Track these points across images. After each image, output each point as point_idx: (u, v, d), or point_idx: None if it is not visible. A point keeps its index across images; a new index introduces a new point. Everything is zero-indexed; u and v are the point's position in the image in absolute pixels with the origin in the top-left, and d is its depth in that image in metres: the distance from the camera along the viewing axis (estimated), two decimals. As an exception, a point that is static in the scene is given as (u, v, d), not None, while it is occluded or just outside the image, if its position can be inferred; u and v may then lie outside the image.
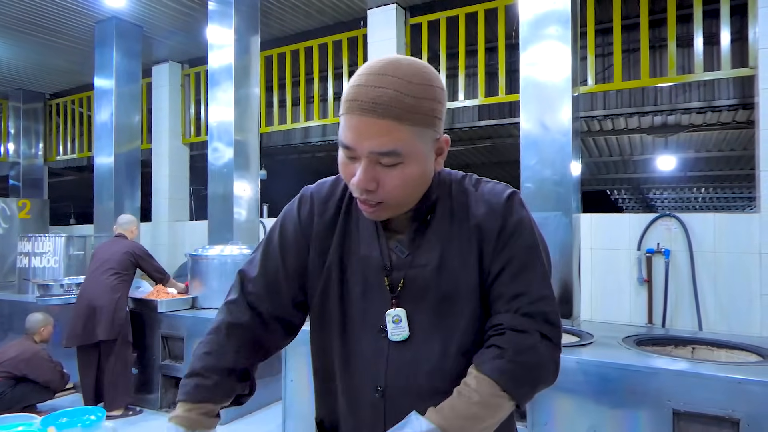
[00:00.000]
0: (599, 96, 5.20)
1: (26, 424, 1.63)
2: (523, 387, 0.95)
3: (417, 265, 1.03)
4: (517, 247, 1.01)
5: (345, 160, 0.96)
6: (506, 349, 0.95)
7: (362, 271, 1.06)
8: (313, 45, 5.90)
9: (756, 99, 3.71)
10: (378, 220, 1.03)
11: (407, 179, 0.93)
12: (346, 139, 0.93)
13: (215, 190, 5.12)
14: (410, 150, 0.91)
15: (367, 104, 0.88)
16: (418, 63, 0.93)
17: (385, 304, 1.04)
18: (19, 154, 8.45)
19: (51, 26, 6.01)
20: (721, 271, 3.68)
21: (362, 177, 0.92)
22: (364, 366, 1.06)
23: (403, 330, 1.03)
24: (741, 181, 9.80)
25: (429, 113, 0.91)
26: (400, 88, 0.88)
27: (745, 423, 2.24)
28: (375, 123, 0.88)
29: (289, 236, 1.12)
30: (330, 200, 1.11)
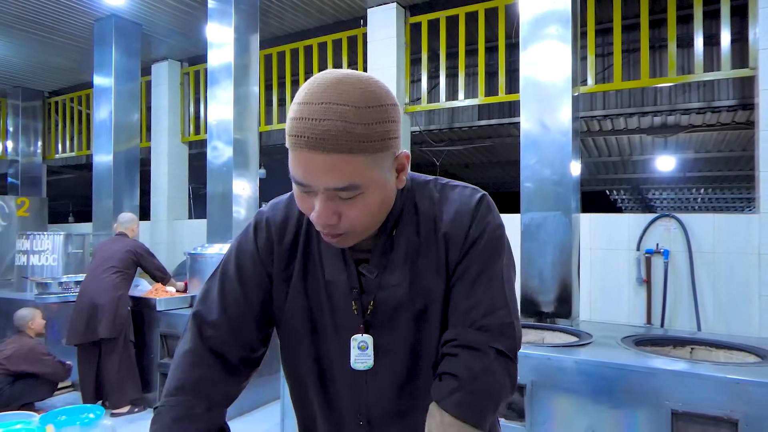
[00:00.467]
0: (599, 96, 5.20)
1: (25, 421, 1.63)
2: (486, 413, 0.91)
3: (387, 285, 0.98)
4: (476, 255, 0.96)
5: (300, 194, 0.89)
6: (461, 378, 0.90)
7: (328, 298, 1.00)
8: (313, 44, 5.89)
9: (756, 100, 3.71)
10: (343, 247, 0.96)
11: (369, 208, 0.87)
12: (297, 175, 0.85)
13: (214, 188, 5.12)
14: (368, 180, 0.84)
15: (313, 141, 0.79)
16: (364, 81, 0.83)
17: (355, 330, 0.99)
18: (18, 152, 8.44)
19: (50, 24, 6.00)
20: (720, 271, 3.69)
21: (321, 212, 0.85)
22: (343, 397, 1.02)
23: (368, 358, 0.98)
24: (740, 182, 9.81)
25: (383, 137, 0.83)
26: (348, 117, 0.79)
27: (743, 423, 2.24)
28: (325, 159, 0.80)
29: (248, 268, 1.03)
30: (287, 223, 1.04)
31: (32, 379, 4.06)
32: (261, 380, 4.37)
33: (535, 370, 2.67)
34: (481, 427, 0.90)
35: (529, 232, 3.57)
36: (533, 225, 3.56)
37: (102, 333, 4.10)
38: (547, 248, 3.52)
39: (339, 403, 1.03)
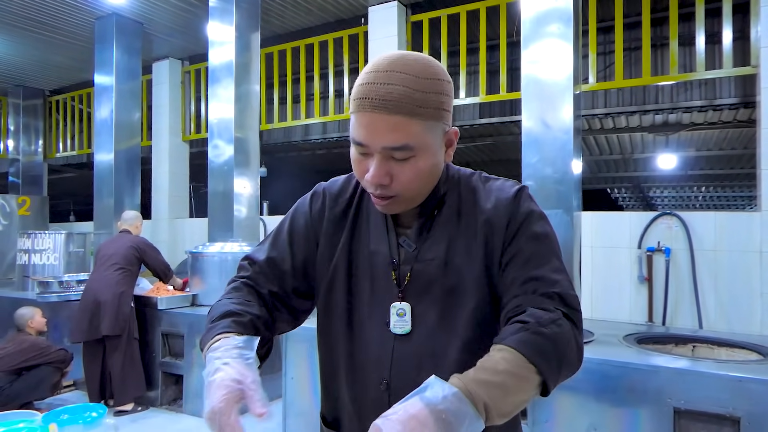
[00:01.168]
0: (600, 94, 5.19)
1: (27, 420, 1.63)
2: (549, 360, 0.86)
3: (423, 259, 1.04)
4: (526, 237, 1.00)
5: (358, 156, 0.97)
6: (528, 322, 0.89)
7: (371, 266, 1.07)
8: (314, 42, 5.89)
9: (757, 98, 3.70)
10: (391, 213, 1.05)
11: (420, 172, 0.95)
12: (358, 136, 0.94)
13: (215, 187, 5.12)
14: (421, 143, 0.93)
15: (377, 101, 0.89)
16: (424, 58, 0.95)
17: (392, 297, 1.05)
18: (19, 150, 8.44)
19: (51, 22, 6.00)
20: (721, 269, 3.68)
21: (376, 172, 0.93)
22: (369, 360, 1.06)
23: (406, 324, 1.03)
24: (742, 180, 9.80)
25: (438, 107, 0.93)
26: (409, 84, 0.89)
27: (745, 421, 2.24)
28: (386, 119, 0.89)
29: (299, 228, 1.13)
30: (341, 196, 1.13)
31: (32, 377, 4.06)
32: (262, 379, 4.36)
33: (537, 369, 2.67)
34: (540, 370, 0.84)
35: (531, 230, 3.56)
36: (535, 223, 3.55)
37: (105, 330, 4.10)
38: (548, 246, 3.51)
39: (364, 366, 1.06)
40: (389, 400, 1.02)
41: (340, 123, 6.47)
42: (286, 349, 3.70)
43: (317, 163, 9.28)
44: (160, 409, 4.32)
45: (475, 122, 5.77)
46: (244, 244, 4.74)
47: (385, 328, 1.05)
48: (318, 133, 6.68)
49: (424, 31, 5.17)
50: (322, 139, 6.64)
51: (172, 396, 4.43)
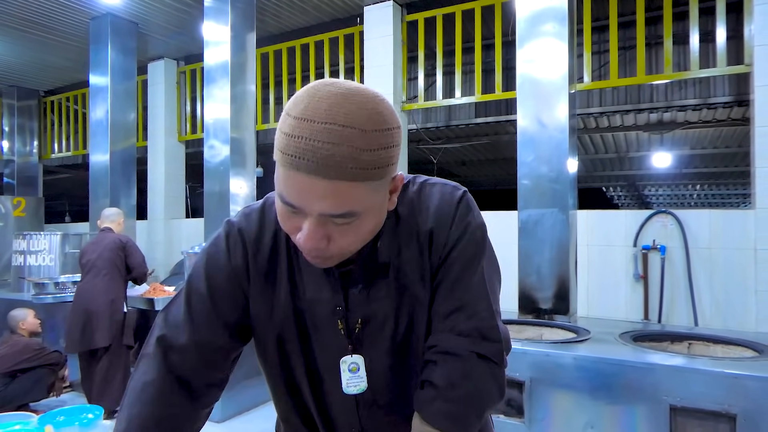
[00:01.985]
0: (595, 93, 5.21)
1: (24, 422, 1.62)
2: (469, 422, 0.88)
3: (376, 298, 0.92)
4: (456, 257, 0.91)
5: (288, 213, 0.80)
6: (439, 386, 0.87)
7: (312, 317, 0.93)
8: (310, 42, 5.88)
9: (751, 96, 3.72)
10: (326, 266, 0.89)
11: (361, 233, 0.81)
12: (289, 197, 0.77)
13: (211, 187, 5.11)
14: (366, 207, 0.78)
15: (314, 165, 0.71)
16: (371, 100, 0.76)
17: (341, 351, 0.93)
18: (14, 151, 8.40)
19: (45, 23, 5.97)
20: (716, 267, 3.70)
21: (311, 236, 0.78)
22: (336, 415, 0.98)
23: (360, 381, 0.93)
24: (736, 178, 9.84)
25: (387, 163, 0.76)
26: (354, 142, 0.72)
27: (741, 418, 2.26)
28: (325, 185, 0.72)
29: (221, 285, 0.94)
30: (263, 237, 0.95)
31: (27, 379, 4.04)
32: (260, 380, 4.35)
33: (534, 367, 2.68)
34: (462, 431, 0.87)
35: (527, 229, 3.58)
36: (530, 222, 3.57)
37: (99, 341, 3.96)
38: (544, 245, 3.53)
39: (333, 420, 0.99)
40: None
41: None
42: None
43: (313, 162, 9.26)
44: (157, 410, 4.31)
45: (471, 122, 5.78)
46: (241, 245, 4.72)
47: (340, 393, 0.94)
48: (314, 133, 6.65)
49: (420, 30, 5.17)
50: (318, 138, 6.62)
51: (169, 397, 4.42)
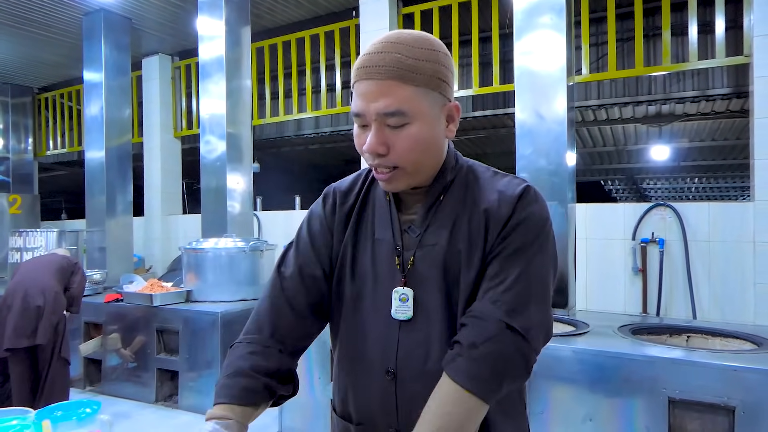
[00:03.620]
0: (593, 85, 5.19)
1: (21, 417, 1.61)
2: (486, 383, 0.92)
3: (426, 244, 1.04)
4: (514, 237, 0.99)
5: (358, 131, 1.00)
6: (462, 344, 0.93)
7: (375, 254, 1.09)
8: (305, 36, 5.85)
9: (750, 88, 3.70)
10: (394, 190, 1.05)
11: (416, 140, 0.96)
12: (355, 106, 0.97)
13: (208, 183, 5.09)
14: (416, 110, 0.94)
15: (371, 69, 0.93)
16: (420, 32, 0.98)
17: (395, 283, 1.05)
18: (9, 149, 8.36)
19: (38, 19, 5.93)
20: (715, 260, 3.69)
21: (372, 140, 0.95)
22: (374, 348, 1.06)
23: (407, 309, 1.03)
24: (735, 171, 9.84)
25: (432, 74, 0.95)
26: (402, 51, 0.93)
27: (740, 410, 2.25)
28: (378, 85, 0.93)
29: (316, 231, 1.15)
30: (351, 192, 1.16)
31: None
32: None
33: (533, 361, 2.67)
34: (480, 396, 0.91)
35: (525, 222, 3.56)
36: (529, 215, 3.55)
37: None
38: (543, 238, 3.51)
39: (369, 355, 1.07)
40: (395, 390, 1.03)
41: (333, 117, 6.44)
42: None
43: (310, 158, 9.25)
44: (156, 405, 4.30)
45: (469, 115, 5.76)
46: (238, 240, 4.71)
47: (389, 316, 1.05)
48: (310, 128, 6.65)
49: (416, 23, 5.14)
50: (315, 133, 6.61)
51: (167, 392, 4.41)
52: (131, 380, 4.48)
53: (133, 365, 4.46)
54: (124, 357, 4.46)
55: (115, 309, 4.59)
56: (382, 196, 1.12)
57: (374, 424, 1.06)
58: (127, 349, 4.45)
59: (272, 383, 1.04)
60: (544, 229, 1.02)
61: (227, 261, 4.57)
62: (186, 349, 4.20)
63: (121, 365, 4.54)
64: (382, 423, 1.05)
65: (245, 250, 4.61)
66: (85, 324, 4.78)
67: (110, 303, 4.64)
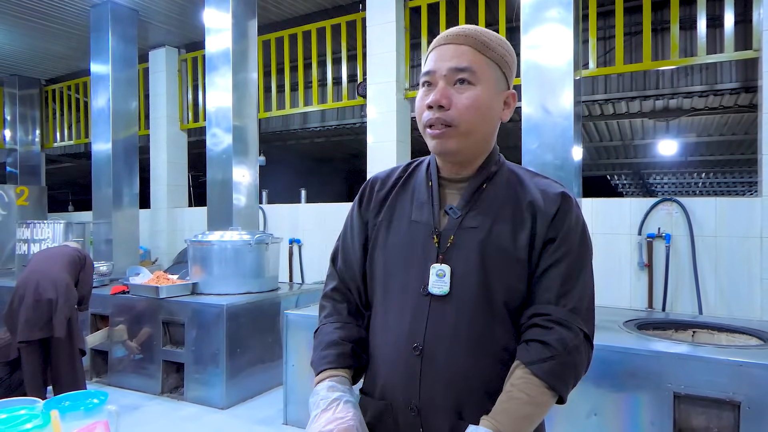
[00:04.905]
0: (600, 80, 5.16)
1: (29, 407, 1.63)
2: (568, 386, 1.01)
3: (467, 226, 1.08)
4: (572, 242, 1.06)
5: (422, 92, 1.08)
6: (556, 349, 0.99)
7: (411, 234, 1.12)
8: (312, 29, 5.83)
9: (759, 82, 3.68)
10: (445, 150, 1.08)
11: (477, 101, 1.04)
12: (428, 66, 1.08)
13: (214, 176, 5.10)
14: (483, 74, 1.05)
15: (452, 36, 1.07)
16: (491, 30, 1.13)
17: (432, 260, 1.08)
18: (16, 141, 8.40)
19: (45, 11, 5.94)
20: (721, 255, 3.68)
21: (438, 93, 1.04)
22: (403, 324, 1.09)
23: (444, 284, 1.06)
24: (742, 166, 9.77)
25: (501, 55, 1.08)
26: (480, 32, 1.08)
27: (746, 406, 2.25)
28: (455, 48, 1.05)
29: (356, 219, 1.23)
30: (390, 179, 1.22)
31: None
32: (263, 366, 4.39)
33: (537, 355, 2.67)
34: (562, 396, 1.01)
35: (531, 217, 3.55)
36: (535, 210, 3.54)
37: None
38: (548, 233, 3.50)
39: (398, 330, 1.09)
40: (421, 366, 1.05)
41: (339, 111, 6.44)
42: (287, 337, 3.71)
43: (316, 151, 9.25)
44: (162, 397, 4.34)
45: (475, 109, 5.73)
46: (244, 233, 4.73)
47: (420, 294, 1.08)
48: (316, 121, 6.64)
49: (423, 16, 5.12)
50: (321, 127, 6.60)
51: (173, 384, 4.44)
52: (137, 372, 4.51)
53: (139, 357, 4.48)
54: (130, 349, 4.50)
55: (121, 301, 4.62)
56: (422, 182, 1.16)
57: (395, 399, 1.08)
58: (133, 341, 4.48)
59: (357, 349, 1.14)
60: (589, 237, 1.11)
61: (233, 254, 4.59)
62: (192, 341, 4.22)
63: (127, 357, 4.57)
64: (403, 399, 1.07)
65: (251, 243, 4.61)
66: (92, 316, 4.82)
67: (116, 295, 4.66)
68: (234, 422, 3.87)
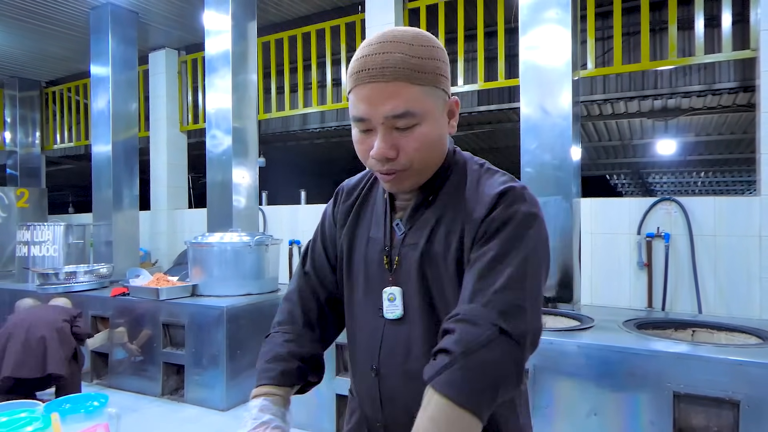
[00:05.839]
0: (599, 80, 5.17)
1: (30, 410, 1.63)
2: (480, 396, 0.81)
3: (408, 243, 1.04)
4: (498, 239, 0.92)
5: (360, 136, 0.97)
6: (454, 353, 0.82)
7: (369, 251, 1.10)
8: (311, 31, 5.84)
9: (757, 82, 3.68)
10: (399, 190, 1.03)
11: (426, 140, 0.94)
12: (358, 111, 0.93)
13: (214, 177, 5.10)
14: (424, 110, 0.92)
15: (375, 71, 0.89)
16: (414, 29, 0.96)
17: (384, 282, 1.06)
18: (16, 142, 8.40)
19: (45, 12, 5.94)
20: (721, 254, 3.69)
21: (381, 145, 0.92)
22: (363, 344, 1.11)
23: (396, 308, 1.04)
24: (741, 165, 9.78)
25: (435, 72, 0.93)
26: (404, 51, 0.90)
27: (745, 404, 2.26)
28: (386, 87, 0.89)
29: (326, 228, 1.21)
30: (356, 189, 1.18)
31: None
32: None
33: (538, 355, 2.68)
34: (476, 411, 0.80)
35: (530, 217, 3.56)
36: (534, 210, 3.54)
37: None
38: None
39: (360, 351, 1.11)
40: (379, 387, 1.06)
41: (339, 112, 6.44)
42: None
43: (316, 152, 9.25)
44: (162, 399, 4.34)
45: (474, 110, 5.75)
46: (244, 234, 4.73)
47: (377, 314, 1.07)
48: (316, 123, 6.65)
49: (422, 17, 5.13)
50: (321, 128, 6.61)
51: (173, 386, 4.45)
52: (138, 374, 4.51)
53: (140, 359, 4.49)
54: (131, 352, 4.50)
55: (121, 303, 4.62)
56: (381, 194, 1.12)
57: (366, 413, 1.12)
58: (133, 343, 4.48)
59: (305, 368, 1.09)
60: (530, 229, 0.94)
61: (233, 255, 4.60)
62: (192, 343, 4.23)
63: (127, 359, 4.58)
64: (372, 418, 1.10)
65: (250, 244, 4.62)
66: (92, 318, 4.82)
67: (117, 297, 4.67)
68: (234, 424, 3.87)
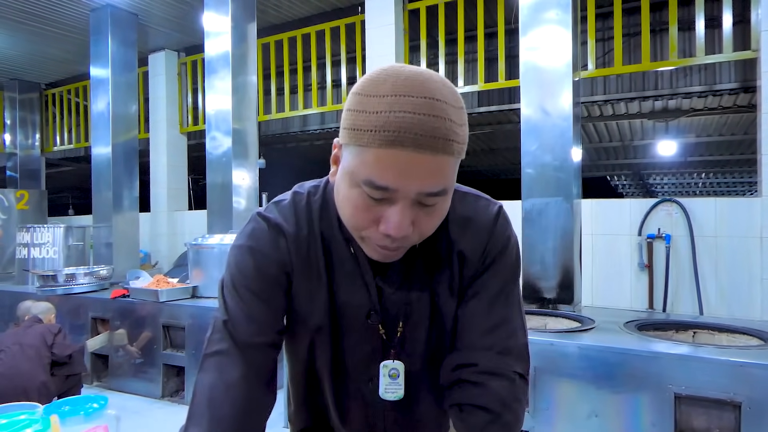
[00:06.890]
0: (599, 81, 5.16)
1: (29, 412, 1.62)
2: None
3: (411, 300, 0.89)
4: (496, 272, 0.89)
5: (366, 202, 0.74)
6: (493, 411, 0.85)
7: (347, 319, 0.91)
8: (311, 32, 5.84)
9: (758, 82, 3.68)
10: (390, 260, 0.84)
11: (441, 215, 0.79)
12: (384, 180, 0.71)
13: (214, 179, 5.10)
14: (451, 185, 0.77)
15: (425, 139, 0.68)
16: (443, 78, 0.76)
17: (379, 356, 0.92)
18: (16, 145, 8.40)
19: (45, 15, 5.94)
20: (722, 255, 3.68)
21: (402, 223, 0.73)
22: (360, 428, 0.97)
23: (398, 388, 0.91)
24: (742, 166, 9.77)
25: (464, 137, 0.75)
26: (452, 116, 0.71)
27: (746, 406, 2.25)
28: (430, 160, 0.70)
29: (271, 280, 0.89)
30: (299, 231, 0.90)
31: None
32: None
33: (538, 356, 2.67)
34: None
35: (531, 218, 3.56)
36: (534, 211, 3.54)
37: None
38: (548, 234, 3.51)
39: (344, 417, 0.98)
40: None
41: (338, 113, 6.44)
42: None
43: (315, 153, 9.25)
44: (162, 401, 4.33)
45: (474, 111, 5.74)
46: (244, 236, 4.72)
47: (374, 396, 0.92)
48: (316, 124, 6.64)
49: (422, 19, 5.13)
50: (321, 129, 6.60)
51: (173, 388, 4.44)
52: (138, 376, 4.50)
53: (140, 361, 4.48)
54: (131, 353, 4.49)
55: (121, 305, 4.62)
56: (341, 247, 0.89)
57: None
58: (133, 345, 4.47)
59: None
60: (519, 258, 0.94)
61: (233, 256, 4.59)
62: (192, 344, 4.22)
63: (127, 361, 4.57)
64: None
65: (251, 245, 4.61)
66: (92, 319, 4.82)
67: (117, 299, 4.66)
68: (235, 425, 3.86)
